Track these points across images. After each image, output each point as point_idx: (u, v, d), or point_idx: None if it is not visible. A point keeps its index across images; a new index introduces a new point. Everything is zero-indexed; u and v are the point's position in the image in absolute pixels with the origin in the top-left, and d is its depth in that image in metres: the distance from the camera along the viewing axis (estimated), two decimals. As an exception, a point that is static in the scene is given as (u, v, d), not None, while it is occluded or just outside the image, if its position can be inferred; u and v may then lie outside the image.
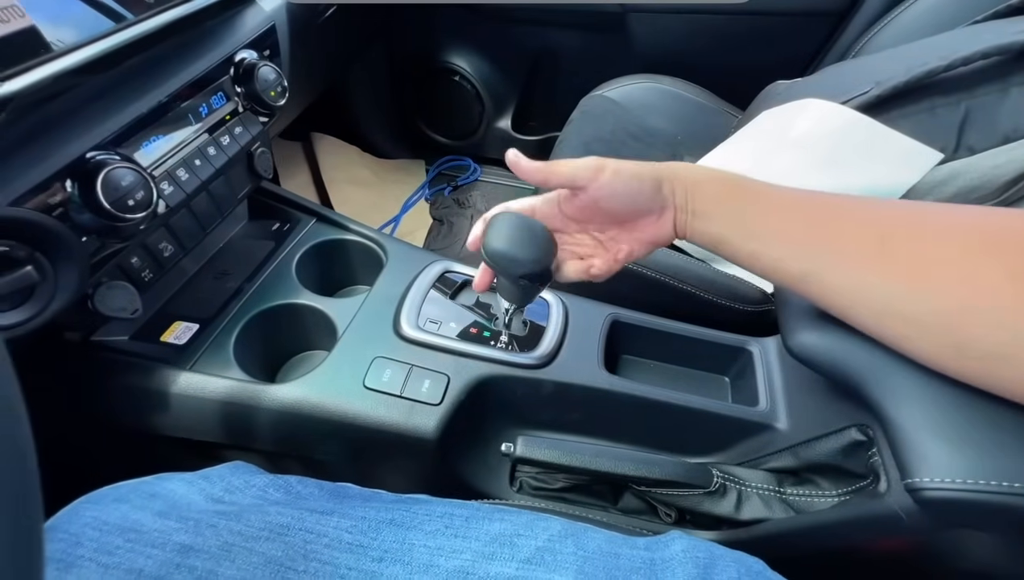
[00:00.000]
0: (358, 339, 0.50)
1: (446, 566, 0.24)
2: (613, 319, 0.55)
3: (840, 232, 0.28)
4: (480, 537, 0.26)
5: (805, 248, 0.29)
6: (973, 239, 0.25)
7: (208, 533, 0.24)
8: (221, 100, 0.46)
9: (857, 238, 0.28)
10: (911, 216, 0.28)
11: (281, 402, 0.46)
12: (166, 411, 0.47)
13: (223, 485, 0.29)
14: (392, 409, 0.46)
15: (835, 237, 0.28)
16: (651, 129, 0.86)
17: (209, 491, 0.28)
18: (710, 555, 0.26)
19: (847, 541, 0.39)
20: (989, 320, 0.24)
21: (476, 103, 1.20)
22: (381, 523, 0.26)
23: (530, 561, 0.25)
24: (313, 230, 0.62)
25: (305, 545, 0.24)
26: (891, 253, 0.26)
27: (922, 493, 0.30)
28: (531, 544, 0.25)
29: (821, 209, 0.30)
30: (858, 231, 0.28)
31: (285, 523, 0.25)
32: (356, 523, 0.26)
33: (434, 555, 0.25)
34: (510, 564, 0.24)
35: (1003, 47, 0.47)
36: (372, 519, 0.26)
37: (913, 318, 0.26)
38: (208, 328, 0.50)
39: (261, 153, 0.55)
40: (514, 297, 0.42)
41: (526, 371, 0.49)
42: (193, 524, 0.25)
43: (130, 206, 0.35)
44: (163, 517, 0.25)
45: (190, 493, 0.27)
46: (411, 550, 0.25)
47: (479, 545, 0.25)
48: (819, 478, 0.44)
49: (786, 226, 0.30)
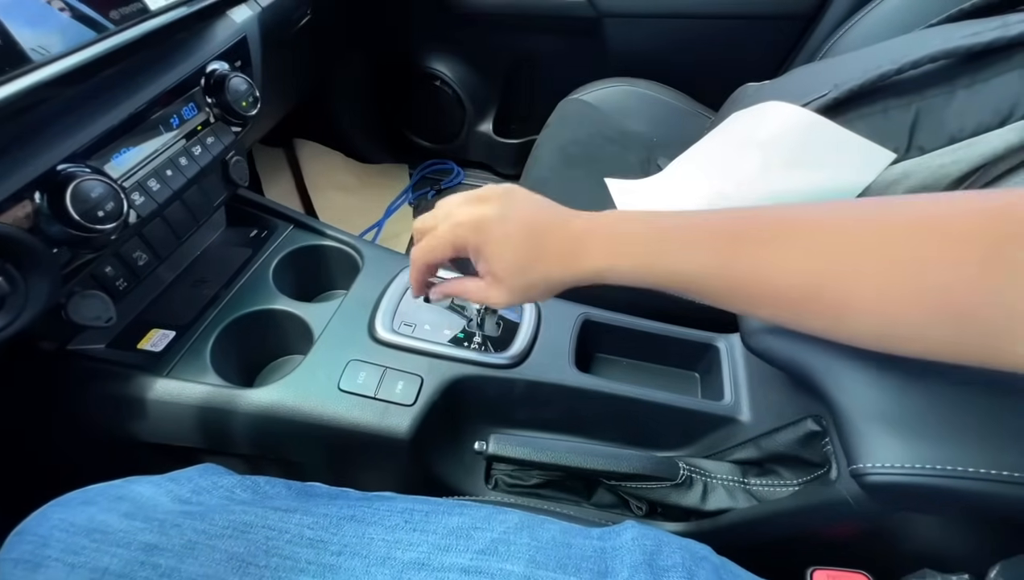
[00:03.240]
0: (333, 343, 0.51)
1: (403, 558, 0.25)
2: (584, 318, 0.56)
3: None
4: (438, 530, 0.27)
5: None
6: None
7: (172, 532, 0.25)
8: (192, 111, 0.46)
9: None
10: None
11: (257, 406, 0.47)
12: (144, 418, 0.48)
13: (190, 487, 0.30)
14: (366, 410, 0.47)
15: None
16: (627, 132, 0.87)
17: (176, 493, 0.29)
18: (657, 542, 0.28)
19: (803, 528, 0.41)
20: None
21: (457, 108, 1.22)
22: (343, 519, 0.27)
23: (484, 552, 0.26)
24: (290, 236, 0.63)
25: (267, 541, 0.25)
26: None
27: (866, 478, 0.32)
28: (487, 536, 0.26)
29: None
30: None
31: (248, 521, 0.26)
32: (318, 520, 0.27)
33: (392, 548, 0.26)
34: (465, 555, 0.26)
35: (949, 51, 0.49)
36: (334, 516, 0.27)
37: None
38: (185, 335, 0.51)
39: (236, 161, 0.56)
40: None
41: (499, 371, 0.50)
42: (158, 524, 0.26)
43: (100, 217, 0.36)
44: (129, 518, 0.26)
45: (157, 495, 0.28)
46: (370, 544, 0.26)
47: (436, 538, 0.26)
48: (780, 468, 0.45)
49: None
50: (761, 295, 0.28)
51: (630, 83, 0.94)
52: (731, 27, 0.97)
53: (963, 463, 0.30)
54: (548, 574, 0.25)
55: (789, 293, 0.27)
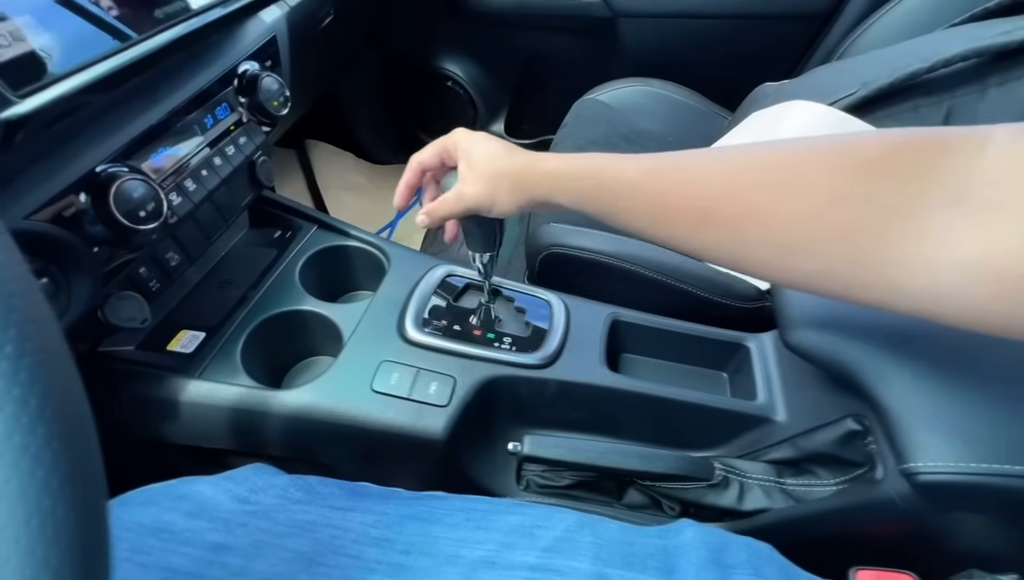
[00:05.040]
0: (364, 344, 0.51)
1: (471, 556, 0.25)
2: (613, 319, 0.56)
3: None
4: (500, 528, 0.27)
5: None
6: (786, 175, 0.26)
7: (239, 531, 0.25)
8: (225, 111, 0.46)
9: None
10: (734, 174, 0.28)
11: (291, 408, 0.47)
12: (176, 420, 0.48)
13: (247, 486, 0.29)
14: (401, 412, 0.46)
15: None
16: (643, 131, 0.87)
17: (235, 492, 0.28)
18: (721, 540, 0.28)
19: (846, 527, 0.40)
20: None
21: (469, 108, 1.22)
22: (403, 518, 0.27)
23: (550, 550, 0.25)
24: (315, 237, 0.62)
25: (332, 540, 0.25)
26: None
27: (918, 478, 0.32)
28: (549, 534, 0.26)
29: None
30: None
31: (311, 520, 0.26)
32: (379, 518, 0.26)
33: (458, 547, 0.25)
34: (531, 553, 0.25)
35: (981, 49, 0.49)
36: (394, 514, 0.27)
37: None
38: (215, 336, 0.51)
39: (263, 162, 0.56)
40: (481, 241, 0.48)
41: (530, 371, 0.50)
42: (223, 523, 0.25)
43: (142, 217, 0.36)
44: (193, 517, 0.26)
45: (216, 494, 0.28)
46: (436, 543, 0.26)
47: (500, 536, 0.26)
48: (818, 468, 0.45)
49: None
50: (672, 212, 0.30)
51: (645, 83, 0.94)
52: (746, 27, 0.97)
53: (1016, 462, 0.30)
54: (616, 571, 0.25)
55: (692, 210, 0.28)
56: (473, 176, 0.40)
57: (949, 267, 0.20)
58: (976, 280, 0.20)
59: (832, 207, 0.23)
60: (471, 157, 0.40)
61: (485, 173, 0.39)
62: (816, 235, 0.24)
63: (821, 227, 0.24)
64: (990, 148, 0.21)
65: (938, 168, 0.21)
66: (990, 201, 0.20)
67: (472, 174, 0.40)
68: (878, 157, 0.23)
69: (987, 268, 0.19)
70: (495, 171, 0.39)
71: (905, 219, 0.21)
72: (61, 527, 0.12)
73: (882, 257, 0.22)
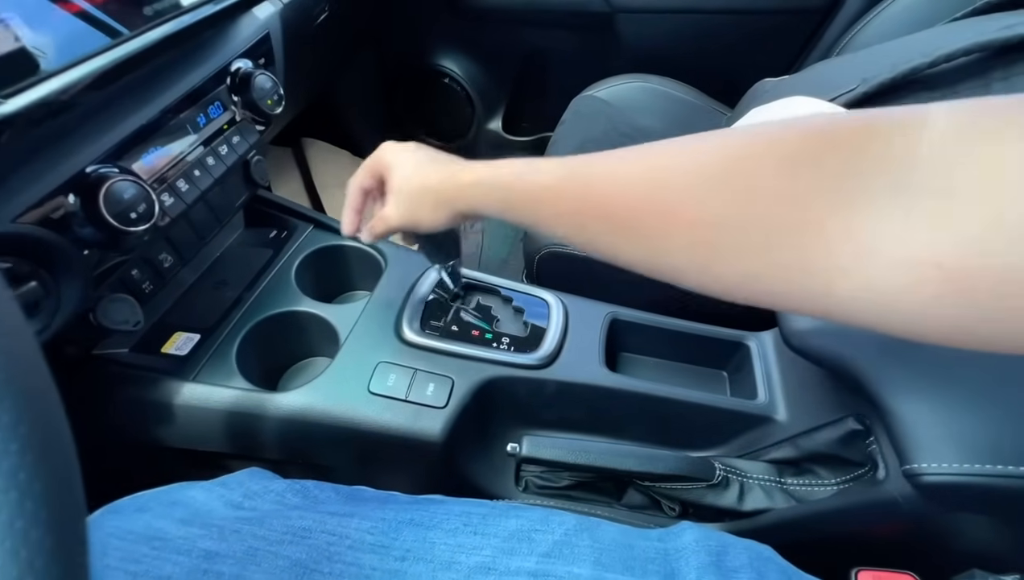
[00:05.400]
0: (361, 345, 0.50)
1: (468, 562, 0.25)
2: (612, 318, 0.55)
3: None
4: (498, 533, 0.26)
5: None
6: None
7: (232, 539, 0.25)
8: (218, 110, 0.46)
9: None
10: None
11: (287, 410, 0.46)
12: (171, 423, 0.47)
13: (242, 491, 0.29)
14: (398, 413, 0.46)
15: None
16: (642, 128, 0.87)
17: (229, 498, 0.28)
18: (721, 543, 0.27)
19: (847, 527, 0.40)
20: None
21: (466, 105, 1.21)
22: (401, 523, 0.26)
23: (549, 555, 0.25)
24: (311, 237, 0.62)
25: (328, 547, 0.25)
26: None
27: (921, 478, 0.32)
28: (548, 539, 0.26)
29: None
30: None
31: (307, 526, 0.25)
32: (376, 524, 0.26)
33: (455, 552, 0.25)
34: (530, 558, 0.25)
35: (983, 44, 0.48)
36: (391, 520, 0.27)
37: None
38: (210, 338, 0.50)
39: (257, 161, 0.55)
40: (434, 253, 0.49)
41: (529, 372, 0.50)
42: (217, 531, 0.25)
43: (132, 219, 0.35)
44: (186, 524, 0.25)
45: (210, 500, 0.27)
46: (432, 548, 0.25)
47: (498, 541, 0.26)
48: (819, 467, 0.45)
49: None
50: (589, 218, 0.28)
51: (643, 79, 0.93)
52: (745, 22, 0.97)
53: (1018, 463, 0.30)
54: (616, 576, 0.24)
55: (611, 216, 0.26)
56: (394, 196, 0.39)
57: (886, 266, 0.18)
58: (920, 279, 0.17)
59: (754, 205, 0.21)
60: (392, 176, 0.39)
61: (405, 191, 0.39)
62: (740, 239, 0.21)
63: (744, 228, 0.21)
64: (929, 130, 0.18)
65: (867, 155, 0.19)
66: (936, 189, 0.17)
67: (393, 194, 0.39)
68: (799, 148, 0.20)
69: (933, 264, 0.17)
70: (414, 188, 0.38)
71: (832, 215, 0.19)
72: (36, 550, 0.11)
73: (811, 259, 0.20)
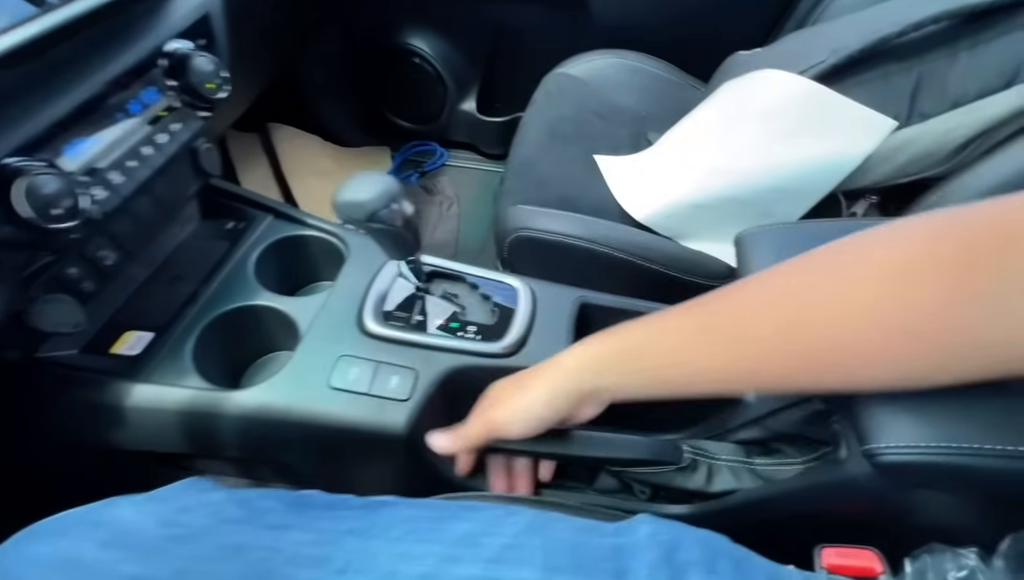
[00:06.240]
0: (321, 338, 0.49)
1: (409, 572, 0.24)
2: (582, 302, 0.54)
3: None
4: (444, 539, 0.25)
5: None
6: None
7: (158, 560, 0.23)
8: (154, 95, 0.43)
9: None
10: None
11: (245, 408, 0.45)
12: (123, 425, 0.46)
13: (176, 506, 0.28)
14: (360, 408, 0.45)
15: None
16: (616, 106, 0.85)
17: (161, 514, 0.27)
18: (675, 537, 0.27)
19: (811, 506, 0.40)
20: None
21: (438, 85, 1.17)
22: (342, 533, 0.26)
23: (496, 560, 0.24)
24: (270, 227, 0.60)
25: (263, 563, 0.24)
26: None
27: (879, 458, 0.31)
28: (497, 542, 0.25)
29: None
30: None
31: (241, 542, 0.24)
32: (316, 536, 0.25)
33: (397, 562, 0.24)
34: (475, 565, 0.24)
35: (952, 11, 0.47)
36: (333, 530, 0.26)
37: None
38: (163, 337, 0.48)
39: (207, 149, 0.52)
40: (391, 250, 0.47)
41: (496, 360, 0.49)
42: (143, 552, 0.24)
43: (55, 216, 0.33)
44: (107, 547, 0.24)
45: (139, 518, 0.26)
46: (374, 559, 0.24)
47: (443, 548, 0.25)
48: (786, 447, 0.45)
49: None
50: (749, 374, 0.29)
51: (617, 55, 0.91)
52: (719, -7, 0.94)
53: (978, 440, 0.30)
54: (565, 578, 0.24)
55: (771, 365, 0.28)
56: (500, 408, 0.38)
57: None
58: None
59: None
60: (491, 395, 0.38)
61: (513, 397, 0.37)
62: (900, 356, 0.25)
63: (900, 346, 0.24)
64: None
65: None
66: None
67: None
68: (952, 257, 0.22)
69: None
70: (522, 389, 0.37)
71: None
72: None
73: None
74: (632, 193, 0.66)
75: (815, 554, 0.36)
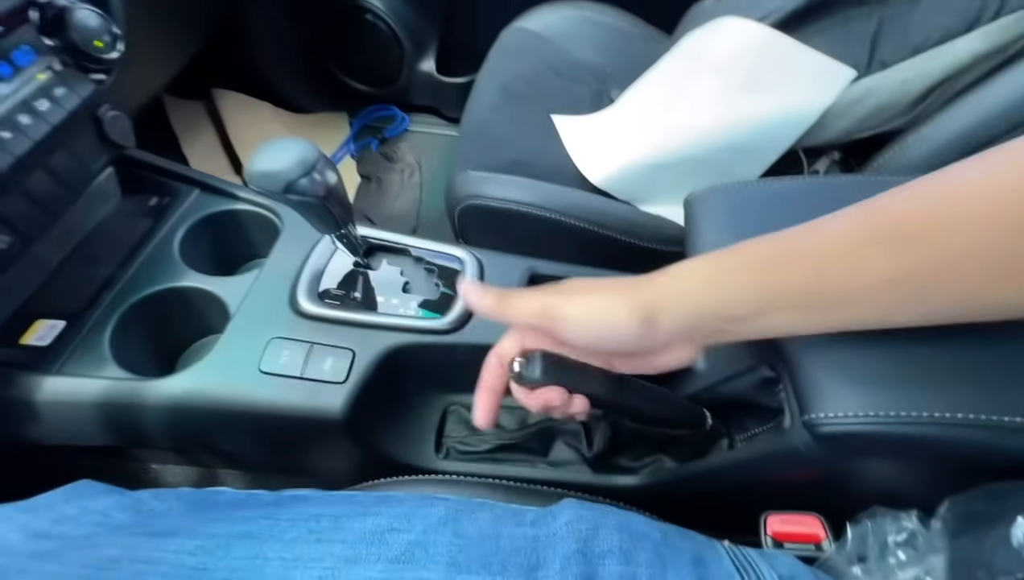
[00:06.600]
0: (251, 320, 0.46)
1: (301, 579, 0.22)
2: (531, 272, 0.52)
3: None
4: (347, 539, 0.24)
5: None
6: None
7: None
8: (29, 56, 0.38)
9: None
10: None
11: (168, 397, 0.42)
12: (37, 421, 0.43)
13: (52, 516, 0.25)
14: (293, 392, 0.42)
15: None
16: (577, 62, 0.80)
17: (33, 527, 0.24)
18: (594, 524, 0.25)
19: (759, 475, 0.40)
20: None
21: (394, 45, 1.10)
22: (233, 538, 0.23)
23: (398, 559, 0.23)
24: (197, 202, 0.55)
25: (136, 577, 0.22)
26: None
27: (818, 428, 0.31)
28: (403, 539, 0.24)
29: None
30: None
31: (114, 555, 0.22)
32: (203, 543, 0.23)
33: (290, 568, 0.22)
34: (375, 566, 0.23)
35: (915, -52, 0.44)
36: (223, 535, 0.24)
37: None
38: (76, 324, 0.45)
39: (113, 117, 0.47)
40: (319, 224, 0.44)
41: (439, 337, 0.46)
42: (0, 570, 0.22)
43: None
44: None
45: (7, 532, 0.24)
46: (264, 566, 0.22)
47: (343, 548, 0.23)
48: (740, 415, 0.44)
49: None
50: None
51: (578, 7, 0.85)
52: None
53: (915, 408, 0.29)
54: (470, 577, 0.22)
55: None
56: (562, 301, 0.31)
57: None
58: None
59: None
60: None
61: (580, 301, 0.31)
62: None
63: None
64: None
65: None
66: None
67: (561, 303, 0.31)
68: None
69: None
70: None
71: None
72: None
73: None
74: (589, 155, 0.63)
75: (760, 521, 0.36)
